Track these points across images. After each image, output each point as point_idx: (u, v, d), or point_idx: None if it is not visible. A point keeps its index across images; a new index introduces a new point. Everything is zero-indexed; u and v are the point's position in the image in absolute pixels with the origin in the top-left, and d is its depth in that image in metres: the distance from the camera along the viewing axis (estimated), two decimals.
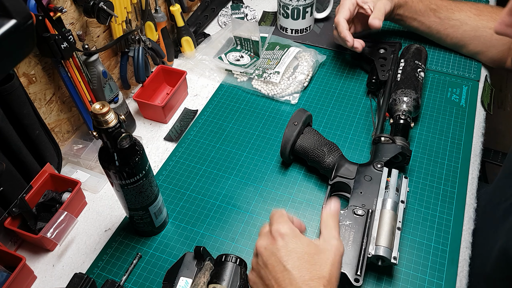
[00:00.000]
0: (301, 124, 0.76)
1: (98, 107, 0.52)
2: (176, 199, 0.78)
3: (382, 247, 0.61)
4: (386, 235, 0.63)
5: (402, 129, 0.78)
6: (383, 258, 0.61)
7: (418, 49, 0.90)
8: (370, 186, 0.69)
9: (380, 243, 0.62)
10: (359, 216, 0.66)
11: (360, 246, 0.62)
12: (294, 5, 1.01)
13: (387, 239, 0.62)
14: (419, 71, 0.86)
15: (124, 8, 0.81)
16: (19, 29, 0.35)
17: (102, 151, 0.57)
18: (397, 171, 0.71)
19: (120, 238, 0.73)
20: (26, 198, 0.70)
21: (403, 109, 0.80)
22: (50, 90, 0.77)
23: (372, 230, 0.64)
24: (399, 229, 0.64)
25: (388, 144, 0.74)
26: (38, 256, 0.71)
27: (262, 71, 0.96)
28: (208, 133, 0.88)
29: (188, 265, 0.63)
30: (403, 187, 0.69)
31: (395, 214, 0.65)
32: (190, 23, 1.07)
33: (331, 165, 0.74)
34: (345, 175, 0.72)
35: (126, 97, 0.96)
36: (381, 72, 0.89)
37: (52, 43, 0.68)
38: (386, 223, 0.64)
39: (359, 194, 0.69)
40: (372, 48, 0.95)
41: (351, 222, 0.65)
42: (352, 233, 0.64)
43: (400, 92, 0.82)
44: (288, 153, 0.76)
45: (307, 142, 0.76)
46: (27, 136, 0.70)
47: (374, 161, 0.73)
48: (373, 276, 0.66)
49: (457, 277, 0.66)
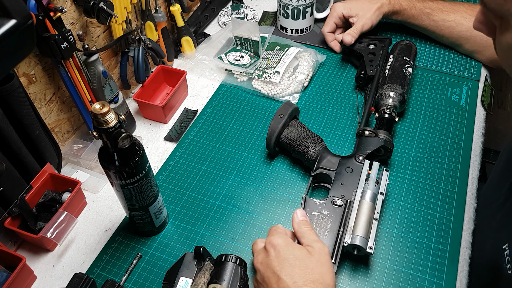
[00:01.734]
0: (286, 117, 0.78)
1: (98, 107, 0.52)
2: (176, 199, 0.78)
3: (358, 237, 0.63)
4: (363, 225, 0.64)
5: (387, 123, 0.79)
6: (358, 247, 0.63)
7: (407, 45, 0.92)
8: (350, 177, 0.71)
9: (357, 233, 0.63)
10: (337, 206, 0.67)
11: (337, 235, 0.64)
12: (294, 5, 1.01)
13: (364, 229, 0.64)
14: (407, 67, 0.87)
15: (124, 8, 0.81)
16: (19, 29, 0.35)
17: (102, 151, 0.57)
18: (378, 163, 0.72)
19: (120, 238, 0.73)
20: (26, 198, 0.70)
21: (389, 104, 0.81)
22: (50, 90, 0.77)
23: (350, 220, 0.65)
24: (376, 220, 0.65)
25: (371, 138, 0.75)
26: (38, 256, 0.71)
27: (262, 71, 0.96)
28: (208, 133, 0.88)
29: (188, 265, 0.63)
30: (383, 179, 0.70)
31: (373, 205, 0.67)
32: (190, 23, 1.07)
33: (314, 157, 0.75)
34: (327, 166, 0.73)
35: (126, 97, 0.96)
36: (370, 67, 0.91)
37: (52, 43, 0.67)
38: (364, 213, 0.65)
39: (339, 185, 0.70)
40: (362, 43, 0.97)
41: (329, 212, 0.67)
42: (329, 222, 0.65)
43: (387, 87, 0.83)
44: (273, 144, 0.78)
45: (292, 134, 0.78)
46: (27, 136, 0.70)
47: (356, 153, 0.74)
48: (373, 276, 0.66)
49: (457, 277, 0.66)
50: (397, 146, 0.83)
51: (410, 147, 0.83)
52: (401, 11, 0.96)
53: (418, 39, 1.02)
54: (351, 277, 0.66)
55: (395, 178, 0.78)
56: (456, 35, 0.95)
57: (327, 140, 0.85)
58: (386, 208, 0.74)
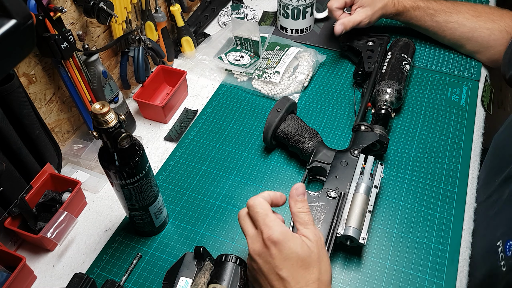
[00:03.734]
0: (283, 111, 0.79)
1: (98, 107, 0.52)
2: (176, 199, 0.78)
3: (351, 228, 0.64)
4: (357, 217, 0.65)
5: (383, 118, 0.80)
6: (352, 238, 0.63)
7: (406, 43, 0.93)
8: (345, 171, 0.72)
9: (350, 224, 0.64)
10: (331, 198, 0.68)
11: (330, 226, 0.65)
12: (294, 5, 1.01)
13: (357, 220, 0.65)
14: (404, 64, 0.88)
15: (124, 8, 0.81)
16: (19, 29, 0.35)
17: (102, 151, 0.57)
18: (373, 158, 0.73)
19: (120, 238, 0.73)
20: (26, 198, 0.70)
21: (385, 100, 0.82)
22: (50, 90, 0.77)
23: (343, 211, 0.66)
24: (370, 212, 0.66)
25: (366, 132, 0.76)
26: (38, 256, 0.71)
27: (262, 71, 0.96)
28: (208, 133, 0.88)
29: (188, 265, 0.63)
30: (378, 173, 0.71)
31: (367, 198, 0.67)
32: (190, 23, 1.07)
33: (310, 151, 0.76)
34: (322, 160, 0.74)
35: (126, 97, 0.96)
36: (368, 64, 0.91)
37: (52, 43, 0.67)
38: (358, 206, 0.66)
39: (334, 178, 0.71)
40: (361, 40, 0.97)
41: (323, 203, 0.67)
42: (323, 213, 0.66)
43: (384, 83, 0.84)
44: (269, 138, 0.79)
45: (288, 128, 0.78)
46: (27, 136, 0.70)
47: (352, 147, 0.75)
48: (373, 276, 0.66)
49: (457, 277, 0.66)
50: (397, 146, 0.83)
51: (410, 147, 0.83)
52: (404, 12, 0.95)
53: (418, 39, 1.02)
54: (351, 277, 0.66)
55: (395, 178, 0.78)
56: (458, 36, 0.95)
57: (327, 139, 0.85)
58: (386, 208, 0.74)
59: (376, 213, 0.74)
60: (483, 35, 0.91)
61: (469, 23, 0.92)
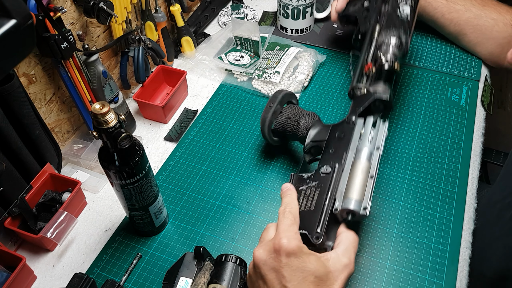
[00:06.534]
0: (276, 104, 0.75)
1: (98, 107, 0.52)
2: (176, 199, 0.78)
3: (351, 200, 0.56)
4: (357, 186, 0.57)
5: (386, 75, 0.68)
6: (352, 212, 0.56)
7: None
8: (341, 142, 0.64)
9: (349, 196, 0.57)
10: (325, 174, 0.61)
11: (322, 204, 0.58)
12: (294, 5, 1.01)
13: (357, 190, 0.57)
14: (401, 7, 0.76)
15: (124, 8, 0.81)
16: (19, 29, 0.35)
17: (102, 151, 0.57)
18: (372, 117, 0.64)
19: (120, 238, 0.73)
20: (26, 198, 0.70)
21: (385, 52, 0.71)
22: (50, 90, 0.77)
23: (340, 184, 0.59)
24: (372, 177, 0.58)
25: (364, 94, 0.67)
26: (38, 256, 0.71)
27: (262, 71, 0.96)
28: (208, 133, 0.88)
29: (188, 265, 0.63)
30: (381, 132, 0.62)
31: (368, 164, 0.59)
32: (190, 23, 1.08)
33: (305, 133, 0.71)
34: (317, 138, 0.68)
35: (126, 97, 0.96)
36: (365, 24, 0.82)
37: (52, 43, 0.67)
38: (357, 174, 0.58)
39: (329, 153, 0.64)
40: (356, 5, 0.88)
41: (317, 182, 0.61)
42: (317, 192, 0.59)
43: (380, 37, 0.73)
44: (267, 135, 0.77)
45: (284, 119, 0.75)
46: (27, 136, 0.70)
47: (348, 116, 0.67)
48: (373, 276, 0.66)
49: (457, 277, 0.66)
50: (397, 146, 0.83)
51: (410, 147, 0.83)
52: None
53: (418, 38, 1.02)
54: (351, 277, 0.66)
55: (395, 178, 0.78)
56: (463, 21, 0.93)
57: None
58: (386, 208, 0.74)
59: (376, 213, 0.73)
60: (487, 24, 0.90)
61: (476, 9, 0.91)
